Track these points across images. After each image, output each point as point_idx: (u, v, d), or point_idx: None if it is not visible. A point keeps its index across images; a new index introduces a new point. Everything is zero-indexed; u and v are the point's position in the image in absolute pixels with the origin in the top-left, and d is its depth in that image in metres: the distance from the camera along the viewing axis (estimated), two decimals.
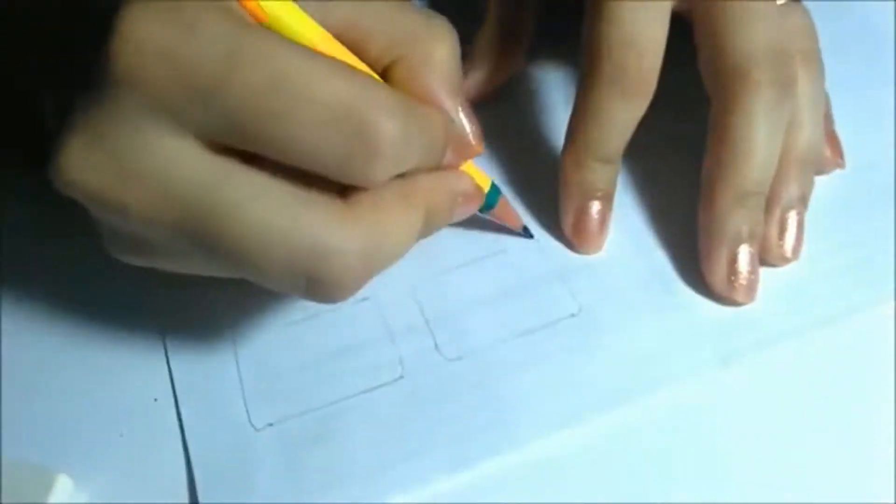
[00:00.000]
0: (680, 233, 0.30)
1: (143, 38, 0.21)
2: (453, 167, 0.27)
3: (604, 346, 0.28)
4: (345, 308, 0.29)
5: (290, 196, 0.22)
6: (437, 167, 0.26)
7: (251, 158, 0.22)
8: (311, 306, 0.29)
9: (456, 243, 0.31)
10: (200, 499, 0.25)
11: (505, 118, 0.34)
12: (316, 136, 0.21)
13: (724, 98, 0.29)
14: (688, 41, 0.30)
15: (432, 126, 0.25)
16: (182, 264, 0.24)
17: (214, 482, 0.25)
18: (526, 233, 0.31)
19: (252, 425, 0.27)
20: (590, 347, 0.28)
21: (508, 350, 0.28)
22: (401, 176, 0.24)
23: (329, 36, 0.24)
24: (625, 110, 0.29)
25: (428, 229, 0.26)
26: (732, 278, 0.28)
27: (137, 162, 0.21)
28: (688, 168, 0.30)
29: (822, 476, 0.25)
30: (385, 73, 0.26)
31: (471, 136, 0.27)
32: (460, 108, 0.26)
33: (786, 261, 0.30)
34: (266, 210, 0.21)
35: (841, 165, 0.32)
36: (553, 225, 0.31)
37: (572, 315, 0.29)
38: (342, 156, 0.22)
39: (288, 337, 0.29)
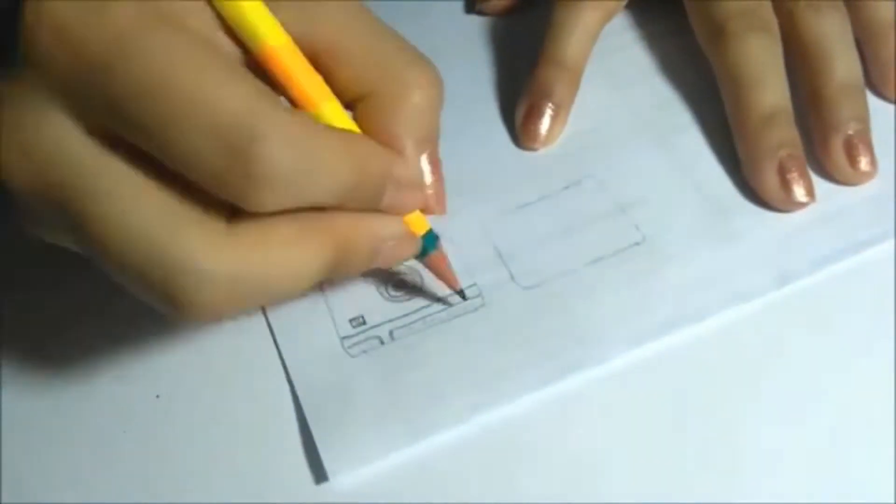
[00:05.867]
0: (728, 167, 0.32)
1: (45, 14, 0.20)
2: (396, 212, 0.26)
3: (669, 269, 0.30)
4: None
5: (163, 202, 0.21)
6: (373, 209, 0.25)
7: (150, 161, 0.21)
8: None
9: (519, 184, 0.33)
10: (309, 421, 0.27)
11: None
12: (194, 143, 0.20)
13: (714, 53, 0.33)
14: None
15: (365, 167, 0.23)
16: (73, 243, 0.23)
17: (319, 406, 0.27)
18: (461, 294, 0.29)
19: (347, 353, 0.28)
20: (656, 272, 0.30)
21: (580, 277, 0.30)
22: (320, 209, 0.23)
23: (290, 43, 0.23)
24: (579, 17, 0.34)
25: (341, 269, 0.24)
26: (785, 186, 0.30)
27: (26, 137, 0.21)
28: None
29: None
30: (354, 105, 0.25)
31: (429, 193, 0.27)
32: (425, 159, 0.26)
33: (858, 178, 0.31)
34: (132, 210, 0.21)
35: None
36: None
37: (637, 244, 0.30)
38: (219, 171, 0.20)
39: (371, 272, 0.30)
